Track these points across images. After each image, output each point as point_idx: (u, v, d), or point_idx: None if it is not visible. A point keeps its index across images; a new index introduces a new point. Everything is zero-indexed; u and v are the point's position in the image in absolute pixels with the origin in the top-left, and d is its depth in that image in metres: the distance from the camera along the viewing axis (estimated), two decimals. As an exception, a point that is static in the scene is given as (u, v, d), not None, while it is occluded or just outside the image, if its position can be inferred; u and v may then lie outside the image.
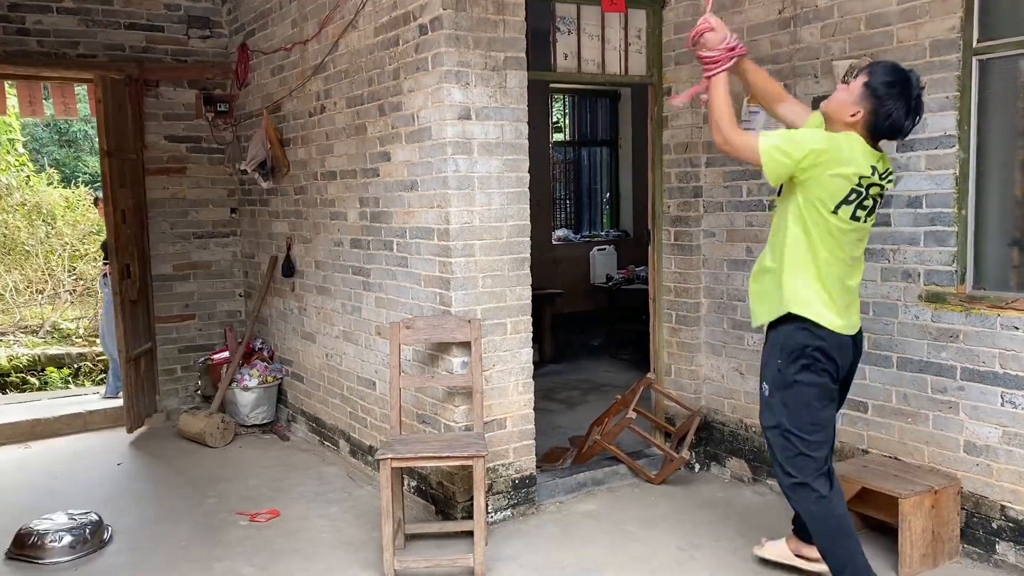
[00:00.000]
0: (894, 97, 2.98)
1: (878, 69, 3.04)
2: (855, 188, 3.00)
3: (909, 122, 3.02)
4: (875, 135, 3.06)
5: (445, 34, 4.08)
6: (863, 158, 3.00)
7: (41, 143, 15.71)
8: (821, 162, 2.98)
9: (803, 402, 3.19)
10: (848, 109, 3.05)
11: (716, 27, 3.15)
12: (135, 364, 6.17)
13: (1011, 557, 3.69)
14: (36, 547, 4.13)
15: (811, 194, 3.03)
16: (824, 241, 3.08)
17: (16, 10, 6.02)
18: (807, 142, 2.99)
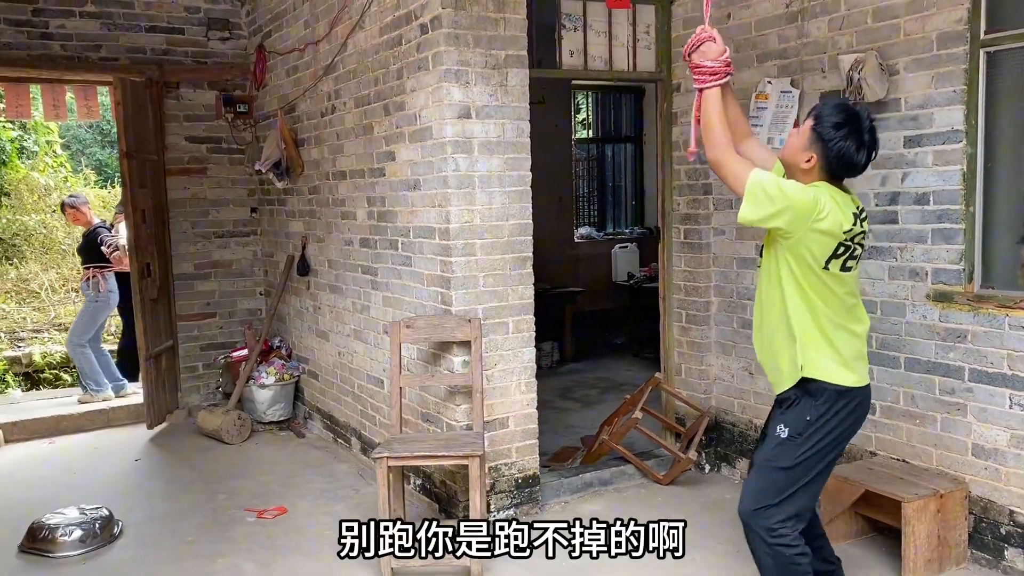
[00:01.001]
0: (843, 136, 2.83)
1: (824, 111, 2.90)
2: (843, 243, 2.86)
3: (862, 156, 2.87)
4: (833, 176, 2.92)
5: (444, 33, 4.08)
6: (843, 209, 2.86)
7: (84, 144, 16.09)
8: (803, 223, 2.81)
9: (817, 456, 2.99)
10: (802, 156, 2.91)
11: (716, 38, 2.98)
12: (155, 361, 6.28)
13: (1020, 564, 3.59)
14: (47, 541, 4.23)
15: (800, 252, 2.87)
16: (824, 299, 2.93)
17: (40, 15, 6.15)
18: (791, 198, 2.80)
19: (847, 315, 2.98)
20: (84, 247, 7.17)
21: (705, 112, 2.95)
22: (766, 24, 4.53)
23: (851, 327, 3.00)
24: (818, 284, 2.91)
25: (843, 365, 2.95)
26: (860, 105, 2.98)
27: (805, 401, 2.98)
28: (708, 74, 2.93)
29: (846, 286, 2.96)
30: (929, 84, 3.77)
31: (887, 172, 3.98)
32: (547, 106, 8.78)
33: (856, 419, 3.03)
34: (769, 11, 4.50)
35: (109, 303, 7.02)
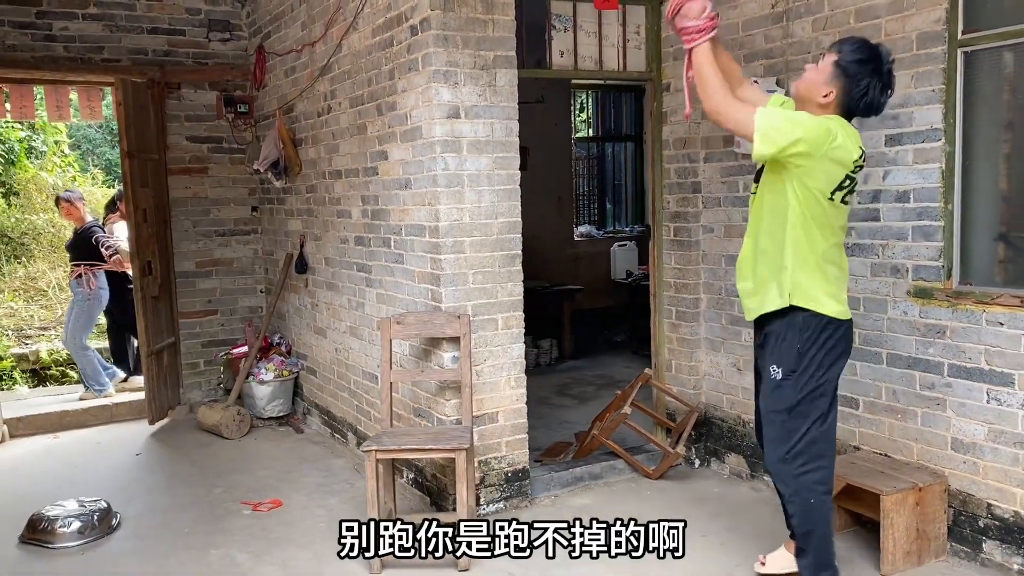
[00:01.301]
0: (867, 74, 2.89)
1: (847, 46, 2.95)
2: (849, 174, 2.95)
3: (885, 98, 2.95)
4: (850, 114, 2.98)
5: (433, 34, 4.15)
6: (852, 142, 2.94)
7: (94, 144, 16.24)
8: (815, 150, 2.88)
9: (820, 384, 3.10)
10: (820, 90, 2.97)
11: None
12: (157, 358, 6.38)
13: (998, 556, 3.64)
14: (47, 532, 4.33)
15: (808, 183, 2.94)
16: (823, 230, 3.02)
17: (43, 17, 6.26)
18: (803, 127, 2.87)
19: (838, 251, 3.09)
20: (75, 244, 7.19)
21: (698, 67, 3.00)
22: (753, 24, 4.58)
23: (840, 262, 3.11)
24: (821, 215, 2.99)
25: (831, 296, 3.04)
26: (881, 44, 3.01)
27: (792, 334, 3.06)
28: (695, 32, 2.98)
29: (841, 220, 3.05)
30: (909, 83, 3.82)
31: (869, 170, 4.03)
32: (547, 105, 8.87)
33: (842, 351, 3.13)
34: (756, 11, 4.56)
35: (100, 300, 7.06)
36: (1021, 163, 3.63)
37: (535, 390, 7.03)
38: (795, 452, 3.12)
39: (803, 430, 3.11)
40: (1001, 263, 3.71)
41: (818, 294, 3.04)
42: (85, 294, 6.95)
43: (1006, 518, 3.60)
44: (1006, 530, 3.60)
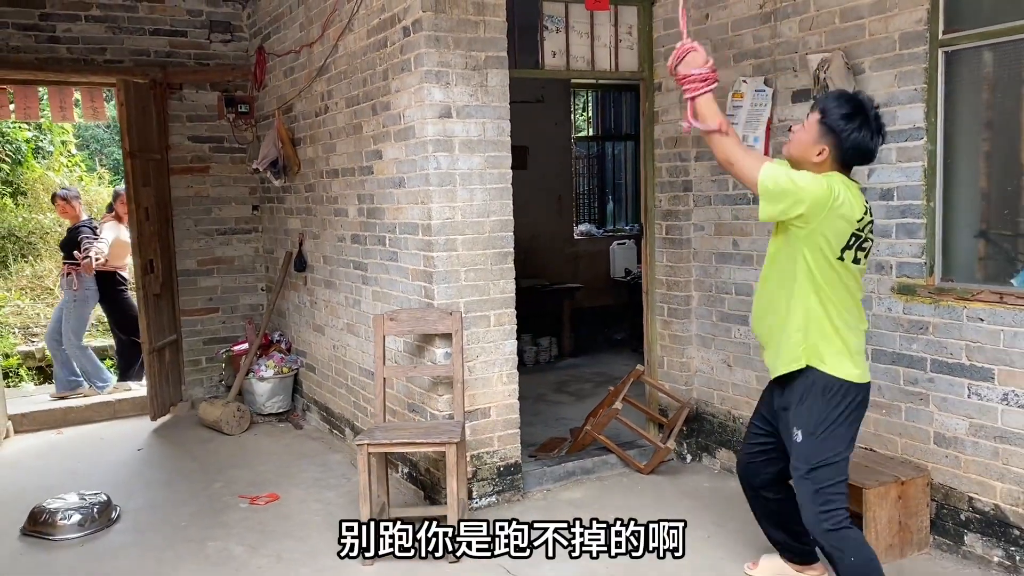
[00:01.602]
0: (856, 127, 2.91)
1: (830, 103, 2.97)
2: (855, 232, 2.95)
3: (877, 142, 2.97)
4: (845, 166, 3.01)
5: (425, 35, 4.23)
6: (855, 199, 2.94)
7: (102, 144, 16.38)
8: (820, 212, 2.89)
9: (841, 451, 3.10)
10: (812, 150, 2.98)
11: (697, 48, 3.01)
12: (159, 355, 6.47)
13: (979, 549, 3.70)
14: (48, 524, 4.42)
15: (816, 243, 2.94)
16: (835, 290, 3.01)
17: (47, 19, 6.36)
18: (810, 191, 2.87)
19: (855, 311, 3.07)
20: (66, 242, 7.23)
21: (705, 117, 2.98)
22: (741, 24, 4.64)
23: (857, 324, 3.08)
24: (832, 276, 2.99)
25: (850, 360, 3.02)
26: (861, 93, 3.06)
27: (813, 399, 3.04)
28: (699, 81, 2.97)
29: (855, 279, 3.04)
30: (892, 83, 3.88)
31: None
32: (546, 105, 8.95)
33: (861, 415, 3.13)
34: (744, 12, 4.62)
35: (87, 299, 7.11)
36: (1001, 161, 3.68)
37: (534, 387, 7.17)
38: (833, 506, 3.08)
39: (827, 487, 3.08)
40: (981, 260, 3.76)
41: (837, 358, 3.02)
42: (72, 295, 7.01)
43: (986, 511, 3.66)
44: (986, 523, 3.66)
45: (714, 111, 2.97)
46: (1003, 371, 3.55)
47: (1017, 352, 3.50)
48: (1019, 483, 3.53)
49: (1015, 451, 3.54)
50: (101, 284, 7.14)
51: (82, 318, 7.14)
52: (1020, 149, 3.60)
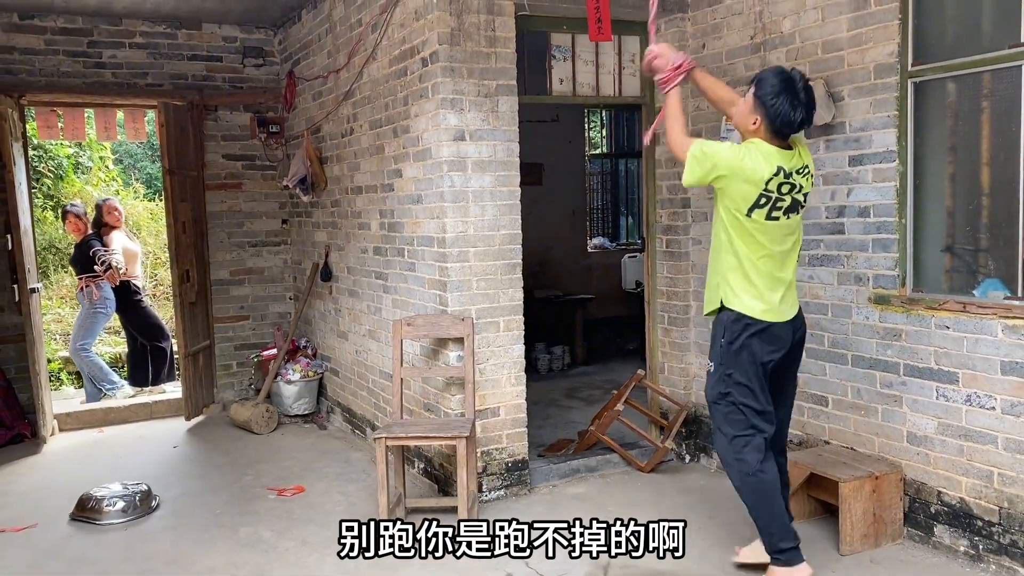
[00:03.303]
0: (780, 99, 3.35)
1: (764, 77, 3.44)
2: (763, 193, 3.40)
3: (798, 114, 3.37)
4: (778, 134, 3.43)
5: (441, 66, 4.63)
6: (765, 162, 3.37)
7: (136, 159, 16.99)
8: (728, 174, 3.40)
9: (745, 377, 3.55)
10: (748, 119, 3.47)
11: (661, 53, 3.61)
12: (193, 359, 6.91)
13: (947, 539, 4.00)
14: (94, 510, 4.84)
15: (726, 201, 3.48)
16: (744, 240, 3.49)
17: (94, 46, 6.85)
18: (716, 156, 3.40)
19: (772, 262, 3.51)
20: (77, 257, 7.50)
21: (666, 108, 3.60)
22: (735, 54, 5.00)
23: (775, 273, 3.52)
24: (742, 230, 3.48)
25: (757, 298, 3.49)
26: (795, 70, 3.47)
27: (718, 330, 3.60)
28: (662, 82, 3.62)
29: (769, 234, 3.48)
30: (868, 109, 4.22)
31: (835, 188, 4.43)
32: (561, 124, 9.34)
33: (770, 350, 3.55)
34: (737, 42, 4.98)
35: (107, 310, 7.40)
36: (964, 182, 4.01)
37: (546, 393, 7.54)
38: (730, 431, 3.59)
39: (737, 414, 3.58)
40: (947, 272, 4.08)
41: (743, 296, 3.52)
42: (88, 306, 7.30)
43: (953, 504, 3.97)
44: (953, 515, 3.97)
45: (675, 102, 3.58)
46: (966, 374, 3.87)
47: (979, 357, 3.81)
48: (982, 478, 3.84)
49: (978, 448, 3.85)
50: (117, 295, 7.43)
51: (96, 327, 7.43)
52: (981, 171, 3.93)
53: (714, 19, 5.12)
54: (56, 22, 6.71)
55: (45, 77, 6.69)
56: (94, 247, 7.36)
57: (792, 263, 3.63)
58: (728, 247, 3.54)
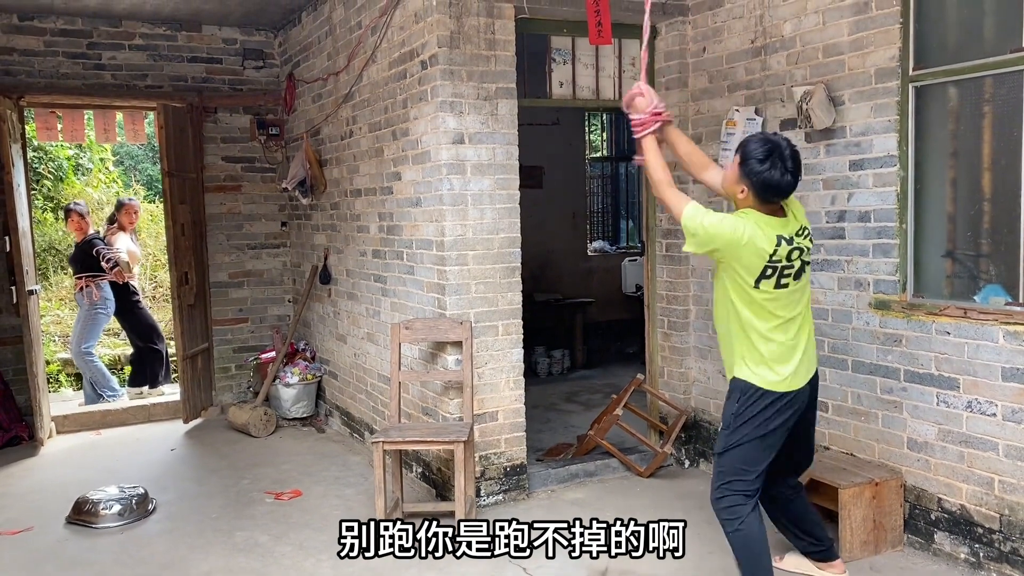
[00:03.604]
0: (768, 167, 3.21)
1: (748, 146, 3.29)
2: (768, 264, 3.25)
3: (786, 180, 3.24)
4: (766, 201, 3.30)
5: (441, 69, 4.61)
6: (764, 235, 3.23)
7: (136, 160, 16.99)
8: (730, 250, 3.24)
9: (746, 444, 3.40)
10: (736, 188, 3.33)
11: (645, 93, 3.41)
12: (191, 362, 6.89)
13: (947, 546, 3.98)
14: (90, 513, 4.82)
15: (733, 273, 3.32)
16: (753, 310, 3.33)
17: (94, 48, 6.84)
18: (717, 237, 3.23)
19: (781, 328, 3.35)
20: (78, 257, 7.40)
21: (645, 158, 3.43)
22: (735, 58, 4.98)
23: (785, 340, 3.36)
24: (750, 302, 3.32)
25: (768, 369, 3.35)
26: (779, 135, 3.37)
27: (732, 397, 3.45)
28: (638, 124, 3.43)
29: (780, 301, 3.33)
30: (869, 114, 4.20)
31: (836, 192, 4.41)
32: (562, 127, 9.33)
33: (784, 415, 3.40)
34: (737, 46, 4.96)
35: (107, 310, 7.34)
36: (965, 187, 3.99)
37: (545, 396, 7.52)
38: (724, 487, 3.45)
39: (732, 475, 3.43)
40: (948, 277, 4.06)
41: (753, 367, 3.37)
42: (88, 306, 7.23)
43: (953, 511, 3.94)
44: (954, 522, 3.94)
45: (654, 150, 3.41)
46: (967, 380, 3.85)
47: (979, 363, 3.79)
48: (983, 485, 3.82)
49: (978, 455, 3.82)
50: (116, 296, 7.38)
51: (96, 328, 7.37)
52: (982, 176, 3.91)
53: (714, 23, 5.10)
54: (56, 23, 6.70)
55: (44, 78, 6.68)
56: (97, 246, 7.30)
57: (807, 325, 3.46)
58: (735, 317, 3.38)
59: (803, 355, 3.43)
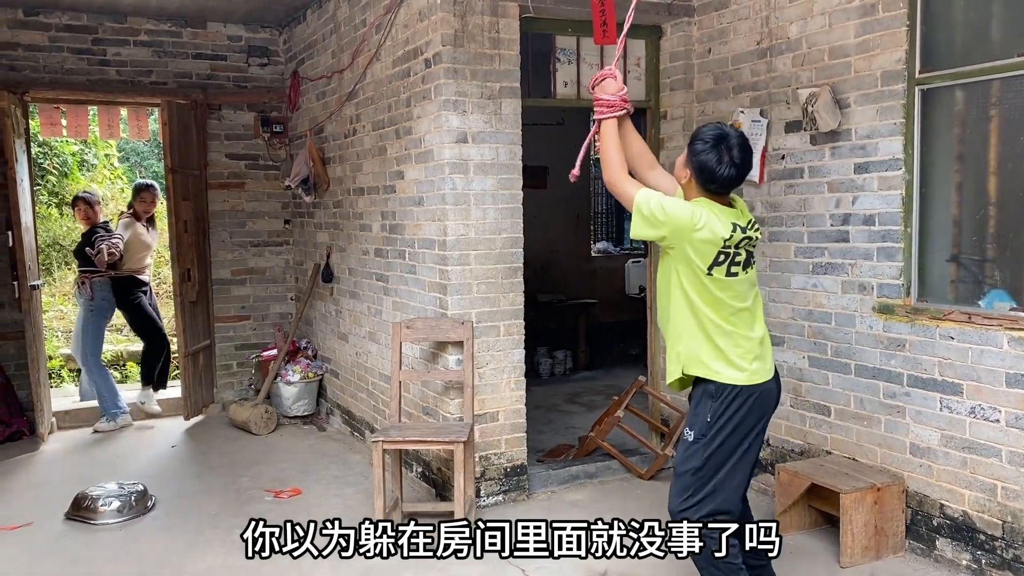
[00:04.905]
0: (707, 152, 3.11)
1: (700, 130, 3.22)
2: (722, 250, 3.11)
3: (723, 170, 3.11)
4: (706, 188, 3.18)
5: (444, 67, 4.60)
6: (719, 220, 3.12)
7: (142, 156, 17.00)
8: (683, 234, 3.08)
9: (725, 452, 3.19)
10: (682, 173, 3.23)
11: (616, 76, 3.26)
12: (193, 359, 6.88)
13: (949, 553, 3.95)
14: (89, 510, 4.81)
15: (684, 261, 3.12)
16: (706, 301, 3.16)
17: (99, 43, 6.84)
18: (673, 214, 3.08)
19: (736, 320, 3.18)
20: (80, 249, 6.89)
21: (602, 139, 3.26)
22: (741, 59, 4.96)
23: (742, 332, 3.19)
24: (703, 290, 3.13)
25: (730, 366, 3.15)
26: (732, 127, 3.25)
27: (704, 402, 3.20)
28: (606, 106, 3.24)
29: (731, 290, 3.16)
30: (874, 117, 4.18)
31: (840, 195, 4.38)
32: (567, 127, 9.28)
33: (758, 415, 3.21)
34: (743, 47, 4.94)
35: (105, 309, 6.87)
36: (971, 192, 3.97)
37: (547, 397, 7.50)
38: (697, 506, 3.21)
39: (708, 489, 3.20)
40: (953, 282, 4.04)
41: (715, 364, 3.17)
42: (88, 305, 6.77)
43: (956, 517, 3.91)
44: (956, 528, 3.92)
45: (613, 136, 3.25)
46: (971, 386, 3.82)
47: (983, 368, 3.76)
48: (985, 491, 3.79)
49: (981, 461, 3.79)
50: (117, 291, 6.88)
51: (99, 331, 6.88)
52: (988, 180, 3.88)
53: (720, 24, 5.08)
54: (61, 19, 6.70)
55: (49, 74, 6.68)
56: (97, 234, 6.72)
57: (761, 319, 3.31)
58: (687, 309, 3.17)
59: (762, 348, 3.26)
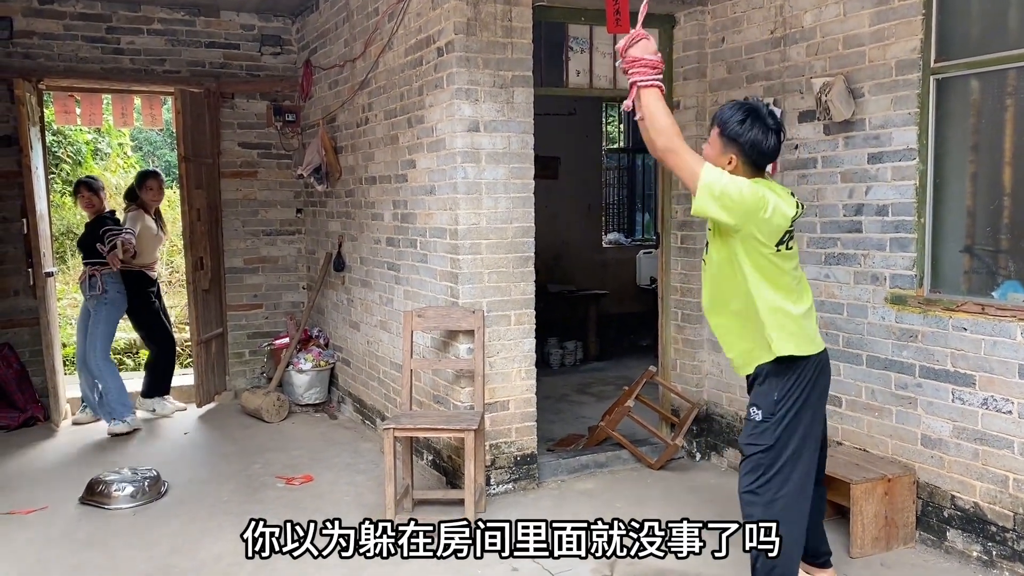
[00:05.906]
0: (750, 129, 3.05)
1: (724, 113, 3.13)
2: (788, 229, 3.14)
3: (771, 139, 3.08)
4: (757, 168, 3.14)
5: (457, 56, 4.60)
6: (784, 201, 3.11)
7: (155, 146, 17.07)
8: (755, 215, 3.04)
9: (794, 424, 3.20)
10: (722, 160, 3.10)
11: (650, 38, 3.04)
12: (206, 346, 6.92)
13: (959, 544, 3.94)
14: (103, 495, 4.86)
15: (748, 241, 3.09)
16: (775, 278, 3.16)
17: (113, 32, 6.86)
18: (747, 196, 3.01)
19: (797, 290, 3.22)
20: (87, 238, 6.39)
21: (649, 106, 3.00)
22: (754, 48, 4.94)
23: (805, 302, 3.23)
24: (770, 267, 3.13)
25: (804, 336, 3.19)
26: (754, 98, 3.23)
27: (771, 380, 3.22)
28: (649, 67, 2.98)
29: (792, 261, 3.21)
30: (889, 106, 4.15)
31: (854, 186, 4.36)
32: (578, 117, 9.29)
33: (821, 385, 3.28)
34: (757, 36, 4.91)
35: (118, 302, 6.40)
36: (985, 182, 3.94)
37: (558, 387, 7.51)
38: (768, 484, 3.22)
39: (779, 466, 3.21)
40: (966, 273, 4.01)
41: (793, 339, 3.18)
42: (98, 300, 6.32)
43: (967, 509, 3.90)
44: (967, 520, 3.91)
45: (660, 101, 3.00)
46: (983, 377, 3.80)
47: (996, 360, 3.74)
48: (996, 483, 3.78)
49: (993, 453, 3.78)
50: (129, 286, 6.46)
51: (110, 327, 6.43)
52: (1003, 171, 3.85)
53: (734, 12, 5.05)
54: (75, 7, 6.73)
55: (63, 62, 6.71)
56: (105, 225, 6.30)
57: (808, 290, 3.34)
58: (755, 290, 3.15)
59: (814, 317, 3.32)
